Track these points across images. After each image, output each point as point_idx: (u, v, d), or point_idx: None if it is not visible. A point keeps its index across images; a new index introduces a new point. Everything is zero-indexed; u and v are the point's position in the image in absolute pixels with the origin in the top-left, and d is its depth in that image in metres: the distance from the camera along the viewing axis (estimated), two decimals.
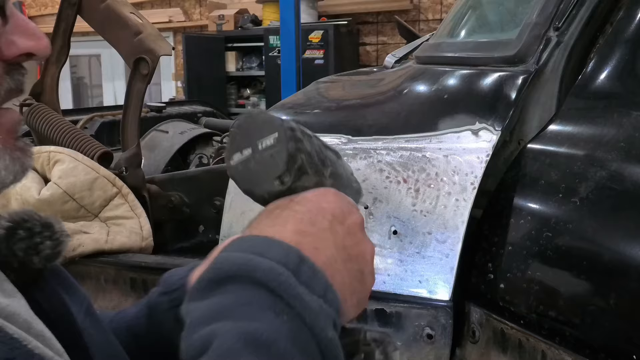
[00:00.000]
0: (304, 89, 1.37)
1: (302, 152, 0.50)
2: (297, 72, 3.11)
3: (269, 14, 5.29)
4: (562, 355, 0.67)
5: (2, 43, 0.47)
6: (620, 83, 0.84)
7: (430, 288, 0.80)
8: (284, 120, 0.51)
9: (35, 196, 1.42)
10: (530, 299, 0.73)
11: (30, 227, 0.52)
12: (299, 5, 3.14)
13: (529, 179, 0.81)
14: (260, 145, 0.51)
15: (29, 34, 0.48)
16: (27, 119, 1.74)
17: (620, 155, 0.72)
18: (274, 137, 0.50)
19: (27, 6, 7.01)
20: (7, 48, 0.47)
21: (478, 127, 0.84)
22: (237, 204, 0.99)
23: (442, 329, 0.79)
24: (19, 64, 0.49)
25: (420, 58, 1.23)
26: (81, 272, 1.43)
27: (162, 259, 1.44)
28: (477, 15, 1.26)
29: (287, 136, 0.50)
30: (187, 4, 6.30)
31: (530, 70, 0.88)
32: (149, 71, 1.49)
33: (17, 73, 0.48)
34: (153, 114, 2.56)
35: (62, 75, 1.82)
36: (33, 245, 0.51)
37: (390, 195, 0.86)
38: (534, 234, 0.75)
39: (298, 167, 0.50)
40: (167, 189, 1.65)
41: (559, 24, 0.88)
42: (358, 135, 0.93)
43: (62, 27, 1.74)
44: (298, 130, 0.51)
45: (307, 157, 0.51)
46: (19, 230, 0.51)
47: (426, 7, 5.11)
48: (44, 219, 0.53)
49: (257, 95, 5.79)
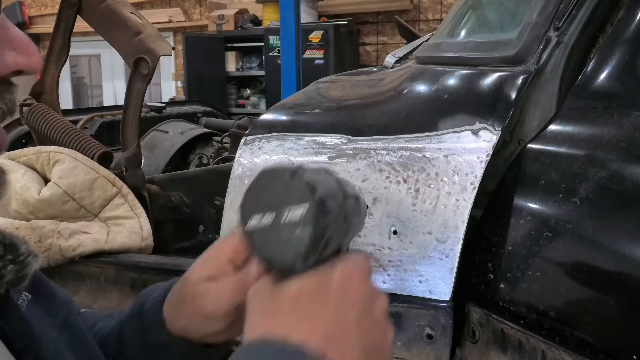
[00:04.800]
0: (304, 89, 1.37)
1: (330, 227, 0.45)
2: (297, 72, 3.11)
3: (269, 14, 5.29)
4: (562, 355, 0.67)
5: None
6: (620, 83, 0.84)
7: (430, 288, 0.80)
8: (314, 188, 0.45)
9: (35, 196, 1.43)
10: (530, 299, 0.73)
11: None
12: (299, 5, 3.14)
13: (529, 179, 0.81)
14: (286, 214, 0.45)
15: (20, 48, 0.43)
16: (27, 119, 1.74)
17: (620, 155, 0.72)
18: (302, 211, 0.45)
19: (27, 6, 7.01)
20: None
21: (478, 127, 0.84)
22: (237, 204, 0.99)
23: (442, 329, 0.79)
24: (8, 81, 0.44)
25: (420, 58, 1.23)
26: (81, 272, 1.43)
27: (162, 259, 1.44)
28: (477, 15, 1.26)
29: (318, 212, 0.44)
30: (187, 4, 6.30)
31: (530, 70, 0.88)
32: (149, 71, 1.50)
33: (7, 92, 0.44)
34: (153, 114, 2.55)
35: (62, 75, 1.82)
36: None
37: (390, 195, 0.86)
38: (534, 234, 0.75)
39: (324, 245, 0.45)
40: (167, 189, 1.65)
41: (559, 24, 0.88)
42: (358, 135, 0.93)
43: (62, 27, 1.74)
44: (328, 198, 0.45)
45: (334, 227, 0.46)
46: None
47: (426, 7, 5.10)
48: (8, 240, 0.49)
49: (257, 95, 5.79)
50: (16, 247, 0.49)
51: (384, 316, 0.49)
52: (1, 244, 0.48)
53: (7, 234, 0.50)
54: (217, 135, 2.32)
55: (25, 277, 0.49)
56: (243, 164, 1.00)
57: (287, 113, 1.12)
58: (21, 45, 0.44)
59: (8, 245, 0.49)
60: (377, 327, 0.48)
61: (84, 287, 1.43)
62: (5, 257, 0.48)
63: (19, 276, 0.48)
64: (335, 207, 0.46)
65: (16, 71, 0.44)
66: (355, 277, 0.47)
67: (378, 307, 0.48)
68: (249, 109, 5.68)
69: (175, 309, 0.59)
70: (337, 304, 0.45)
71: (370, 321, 0.47)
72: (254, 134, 1.03)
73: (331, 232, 0.46)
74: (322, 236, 0.45)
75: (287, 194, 0.46)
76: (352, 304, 0.46)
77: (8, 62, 0.43)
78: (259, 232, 0.47)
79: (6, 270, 0.47)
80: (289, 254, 0.45)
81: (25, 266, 0.49)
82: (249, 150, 1.01)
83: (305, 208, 0.45)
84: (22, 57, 0.43)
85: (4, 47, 0.43)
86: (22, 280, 0.49)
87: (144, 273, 1.36)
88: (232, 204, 0.99)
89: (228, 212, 0.99)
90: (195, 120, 2.65)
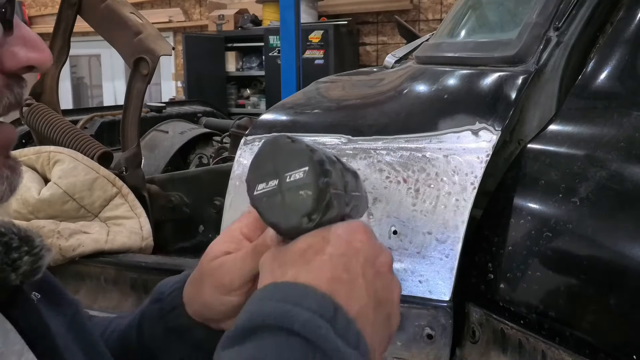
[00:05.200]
0: (304, 89, 1.37)
1: (331, 186, 0.48)
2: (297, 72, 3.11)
3: (269, 14, 5.30)
4: (562, 355, 0.67)
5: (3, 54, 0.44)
6: (620, 83, 0.84)
7: (430, 288, 0.80)
8: (313, 150, 0.48)
9: (35, 196, 1.43)
10: (530, 299, 0.73)
11: (8, 241, 0.49)
12: (299, 5, 3.14)
13: (529, 179, 0.81)
14: (288, 178, 0.48)
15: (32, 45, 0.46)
16: (27, 119, 1.74)
17: (620, 155, 0.72)
18: (303, 171, 0.48)
19: (27, 6, 7.01)
20: (9, 60, 0.44)
21: (478, 127, 0.84)
22: (237, 204, 0.99)
23: (442, 329, 0.79)
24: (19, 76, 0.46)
25: (420, 58, 1.23)
26: (81, 272, 1.43)
27: (162, 259, 1.44)
28: (477, 15, 1.26)
29: (318, 172, 0.47)
30: (187, 4, 6.30)
31: (530, 70, 0.88)
32: (149, 71, 1.50)
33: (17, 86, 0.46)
34: (153, 114, 2.56)
35: (62, 75, 1.82)
36: (10, 261, 0.48)
37: (390, 195, 0.86)
38: (534, 234, 0.75)
39: (326, 204, 0.48)
40: (167, 189, 1.65)
41: (559, 24, 0.88)
42: (358, 135, 0.93)
43: (62, 27, 1.75)
44: (327, 162, 0.49)
45: (334, 190, 0.49)
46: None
47: (426, 7, 5.11)
48: (23, 233, 0.51)
49: (257, 95, 5.79)
50: (31, 239, 0.51)
51: (389, 270, 0.51)
52: (17, 236, 0.50)
53: (21, 227, 0.51)
54: (217, 135, 2.32)
55: (40, 270, 0.50)
56: (243, 164, 1.00)
57: (287, 113, 1.12)
58: (32, 42, 0.46)
59: (23, 238, 0.50)
60: (382, 279, 0.49)
61: (84, 287, 1.43)
62: (21, 249, 0.49)
63: (34, 268, 0.50)
64: (334, 170, 0.49)
65: (28, 67, 0.46)
66: (358, 232, 0.49)
67: (383, 261, 0.50)
68: (249, 109, 5.69)
69: (194, 287, 0.60)
70: (340, 254, 0.47)
71: (375, 272, 0.49)
72: (254, 134, 1.03)
73: (332, 194, 0.48)
74: (324, 195, 0.47)
75: (288, 159, 0.49)
76: (356, 255, 0.48)
77: (20, 58, 0.45)
78: (264, 199, 0.49)
79: (22, 261, 0.49)
80: (293, 215, 0.48)
81: (40, 258, 0.50)
82: (249, 150, 1.01)
83: (306, 169, 0.48)
84: (34, 53, 0.45)
85: (16, 44, 0.45)
86: (37, 273, 0.50)
87: (144, 273, 1.36)
88: (232, 204, 0.99)
89: (228, 212, 0.99)
90: (195, 120, 2.66)
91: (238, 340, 0.43)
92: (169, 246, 1.64)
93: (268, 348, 0.41)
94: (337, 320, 0.43)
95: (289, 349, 0.41)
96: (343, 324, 0.43)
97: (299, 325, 0.42)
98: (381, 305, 0.48)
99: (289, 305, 0.43)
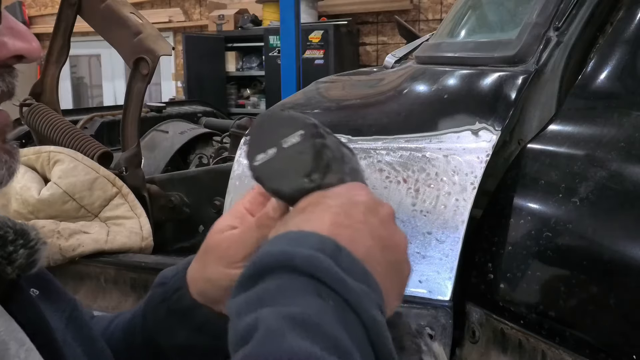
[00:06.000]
0: (304, 89, 1.37)
1: (327, 148, 0.49)
2: (297, 72, 3.11)
3: (269, 14, 5.30)
4: (562, 355, 0.67)
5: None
6: (620, 83, 0.84)
7: (430, 288, 0.80)
8: (305, 116, 0.50)
9: (35, 196, 1.43)
10: (530, 299, 0.73)
11: (3, 234, 0.49)
12: (299, 5, 3.14)
13: (529, 179, 0.81)
14: (285, 144, 0.49)
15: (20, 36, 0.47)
16: (27, 119, 1.74)
17: (620, 155, 0.72)
18: (299, 135, 0.49)
19: (27, 6, 7.01)
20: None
21: (478, 127, 0.84)
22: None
23: (442, 329, 0.78)
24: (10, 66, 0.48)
25: (420, 58, 1.23)
26: (81, 272, 1.43)
27: (162, 259, 1.44)
28: (477, 15, 1.26)
29: (313, 133, 0.49)
30: (187, 4, 6.30)
31: (530, 70, 0.88)
32: (149, 71, 1.50)
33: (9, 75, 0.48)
34: (153, 114, 2.56)
35: (62, 75, 1.82)
36: (6, 254, 0.49)
37: (390, 195, 0.86)
38: (534, 234, 0.75)
39: (325, 164, 0.49)
40: (167, 189, 1.65)
41: (559, 24, 0.88)
42: (358, 135, 0.93)
43: (62, 27, 1.74)
44: (322, 127, 0.50)
45: (331, 153, 0.50)
46: None
47: (426, 7, 5.11)
48: (19, 226, 0.51)
49: (257, 95, 5.79)
50: (26, 232, 0.51)
51: (391, 220, 0.51)
52: (12, 230, 0.50)
53: (16, 221, 0.51)
54: (217, 135, 2.32)
55: (36, 263, 0.51)
56: (243, 164, 1.00)
57: None
58: (20, 32, 0.47)
59: (18, 231, 0.50)
60: (386, 226, 0.49)
61: (84, 287, 1.43)
62: (16, 242, 0.49)
63: (30, 261, 0.50)
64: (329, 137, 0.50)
65: (17, 56, 0.47)
66: (357, 189, 0.50)
67: (385, 212, 0.50)
68: (249, 109, 5.69)
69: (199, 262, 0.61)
70: (340, 204, 0.48)
71: (378, 219, 0.49)
72: None
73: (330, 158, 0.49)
74: (321, 155, 0.49)
75: (284, 127, 0.50)
76: (357, 205, 0.48)
77: (9, 47, 0.46)
78: (264, 168, 0.50)
79: (17, 254, 0.49)
80: (293, 177, 0.49)
81: (36, 251, 0.51)
82: None
83: (302, 132, 0.49)
84: (22, 43, 0.47)
85: (4, 34, 0.46)
86: (33, 266, 0.50)
87: (144, 273, 1.36)
88: (232, 203, 0.99)
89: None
90: (195, 120, 2.65)
91: (245, 287, 0.43)
92: (169, 246, 1.64)
93: (272, 287, 0.42)
94: (340, 257, 0.43)
95: (292, 286, 0.41)
96: (347, 261, 0.44)
97: (299, 261, 0.42)
98: (388, 249, 0.49)
99: (290, 247, 0.44)
